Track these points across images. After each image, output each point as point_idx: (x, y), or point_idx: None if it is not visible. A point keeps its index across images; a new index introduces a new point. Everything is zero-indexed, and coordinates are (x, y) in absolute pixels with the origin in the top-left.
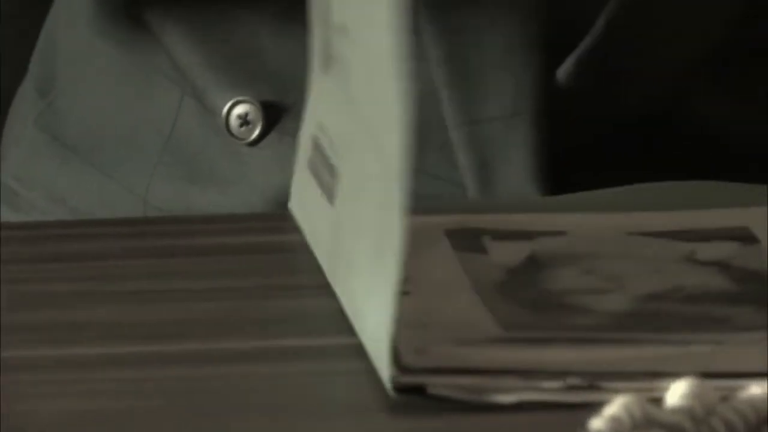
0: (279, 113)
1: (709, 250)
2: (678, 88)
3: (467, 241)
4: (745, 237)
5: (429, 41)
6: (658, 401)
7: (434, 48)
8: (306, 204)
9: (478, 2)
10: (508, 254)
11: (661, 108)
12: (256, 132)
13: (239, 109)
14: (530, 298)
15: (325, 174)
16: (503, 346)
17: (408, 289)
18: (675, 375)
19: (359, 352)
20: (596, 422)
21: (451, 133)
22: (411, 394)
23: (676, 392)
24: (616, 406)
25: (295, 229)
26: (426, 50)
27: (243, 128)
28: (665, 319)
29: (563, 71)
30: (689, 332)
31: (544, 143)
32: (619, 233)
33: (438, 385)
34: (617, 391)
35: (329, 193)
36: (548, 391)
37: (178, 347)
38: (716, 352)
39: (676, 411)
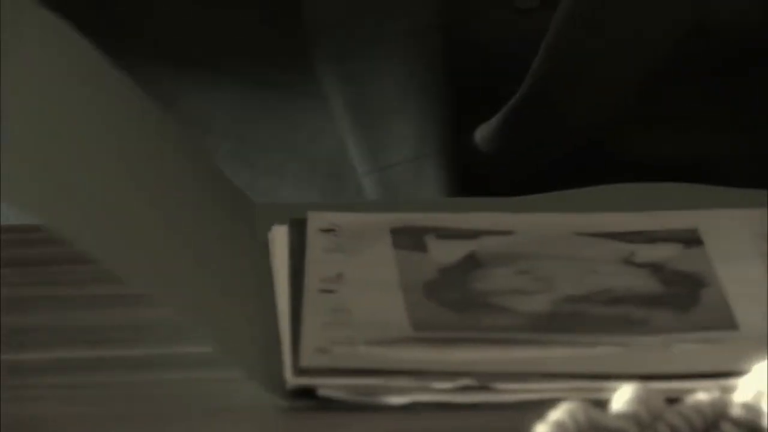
0: None
1: (648, 252)
2: (609, 125)
3: (410, 239)
4: (691, 239)
5: (330, 89)
6: (603, 406)
7: (335, 96)
8: None
9: (373, 50)
10: (447, 253)
11: (596, 140)
12: None
13: None
14: (453, 298)
15: None
16: (407, 346)
17: (333, 287)
18: (576, 376)
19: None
20: (541, 428)
21: (362, 180)
22: (307, 396)
23: (622, 397)
24: (560, 411)
25: None
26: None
27: None
28: (581, 321)
29: (489, 129)
30: (600, 334)
31: (455, 181)
32: (565, 233)
33: (328, 386)
34: (511, 392)
35: None
36: (439, 391)
37: (126, 352)
38: (620, 355)
39: (621, 416)
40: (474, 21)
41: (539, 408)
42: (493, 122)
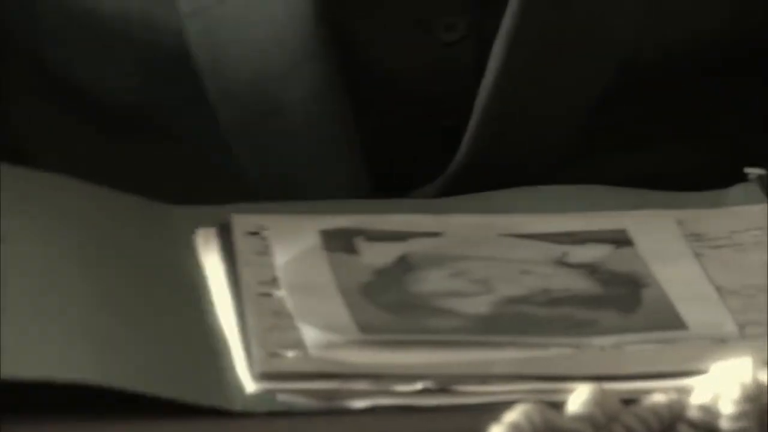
0: None
1: (580, 253)
2: (553, 161)
3: (340, 241)
4: (620, 240)
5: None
6: (559, 407)
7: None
8: None
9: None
10: (379, 255)
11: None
12: None
13: None
14: (392, 300)
15: None
16: (359, 349)
17: (270, 291)
18: (534, 378)
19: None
20: (496, 429)
21: None
22: (264, 399)
23: (578, 399)
24: (515, 412)
25: None
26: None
27: None
28: (527, 322)
29: (433, 189)
30: (550, 335)
31: None
32: (494, 235)
33: (288, 390)
34: (472, 395)
35: None
36: (400, 395)
37: None
38: (576, 356)
39: (576, 418)
40: (398, 56)
41: (500, 410)
42: (438, 183)
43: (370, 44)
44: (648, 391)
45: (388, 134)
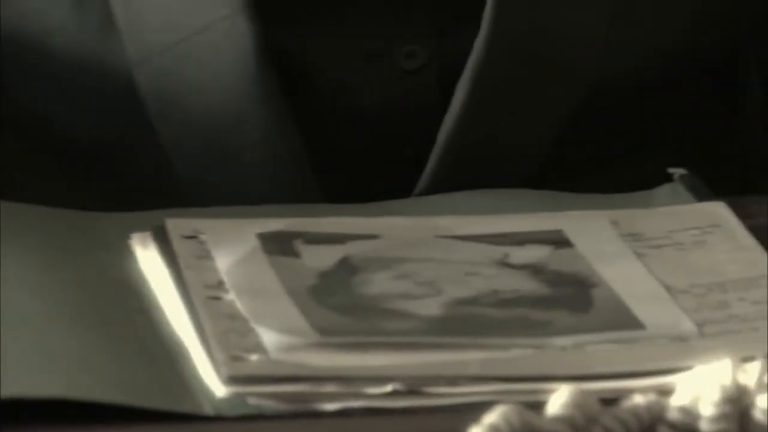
0: None
1: (521, 254)
2: (528, 174)
3: (279, 244)
4: (559, 240)
5: None
6: (538, 409)
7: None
8: None
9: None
10: (320, 258)
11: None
12: None
13: None
14: (343, 303)
15: None
16: (321, 351)
17: (219, 295)
18: (499, 379)
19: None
20: (475, 431)
21: None
22: (234, 403)
23: (557, 401)
24: (494, 414)
25: None
26: None
27: None
28: (482, 323)
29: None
30: (509, 336)
31: None
32: (430, 237)
33: (259, 394)
34: (442, 396)
35: None
36: (370, 397)
37: None
38: (539, 357)
39: (556, 419)
40: (358, 86)
41: (471, 411)
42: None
43: (328, 76)
44: (621, 392)
45: (349, 163)
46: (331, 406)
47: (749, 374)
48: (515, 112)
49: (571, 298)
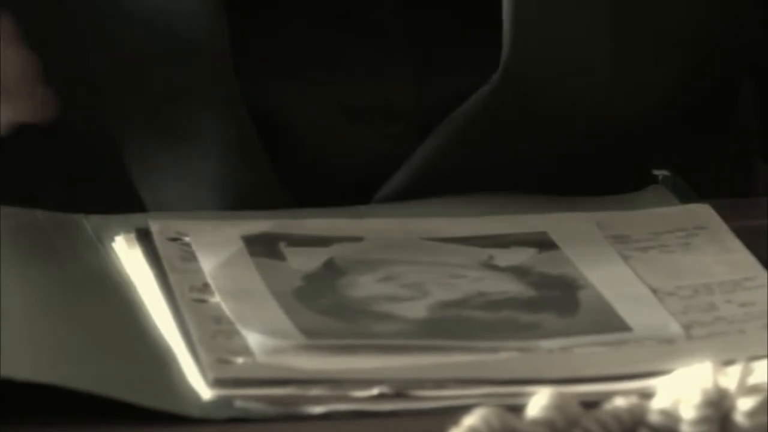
0: None
1: (507, 256)
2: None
3: (263, 247)
4: (544, 242)
5: None
6: (515, 411)
7: None
8: None
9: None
10: (305, 260)
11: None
12: None
13: None
14: (329, 305)
15: None
16: (307, 354)
17: (204, 297)
18: (486, 382)
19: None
20: None
21: None
22: (221, 406)
23: (537, 403)
24: (474, 416)
25: None
26: None
27: None
28: (469, 326)
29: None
30: (497, 339)
31: None
32: (415, 239)
33: (246, 397)
34: (429, 399)
35: None
36: (357, 400)
37: None
38: (527, 359)
39: (536, 422)
40: (343, 147)
41: (457, 414)
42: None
43: (308, 134)
44: (605, 394)
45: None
46: (317, 409)
47: (730, 377)
48: (503, 154)
49: (558, 300)
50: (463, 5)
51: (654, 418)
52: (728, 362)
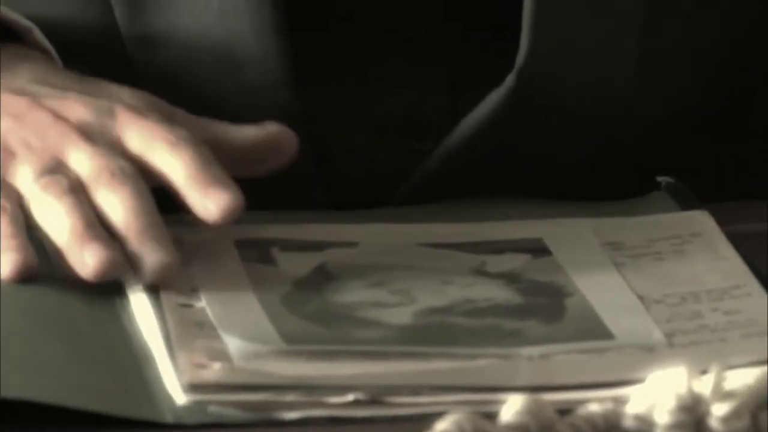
0: None
1: (499, 262)
2: None
3: (256, 251)
4: (538, 249)
5: None
6: (492, 418)
7: None
8: None
9: None
10: (296, 265)
11: None
12: None
13: None
14: (315, 311)
15: None
16: (285, 360)
17: (191, 302)
18: (463, 390)
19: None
20: None
21: None
22: (195, 411)
23: (511, 408)
24: (447, 422)
25: None
26: None
27: None
28: (453, 333)
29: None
30: (477, 346)
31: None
32: (409, 244)
33: (220, 402)
34: (404, 406)
35: None
36: (332, 406)
37: None
38: (505, 367)
39: (509, 427)
40: (372, 161)
41: (432, 421)
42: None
43: (338, 146)
44: (582, 401)
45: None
46: (291, 415)
47: (705, 383)
48: (515, 163)
49: (544, 307)
50: (499, 21)
51: (628, 423)
52: (705, 371)
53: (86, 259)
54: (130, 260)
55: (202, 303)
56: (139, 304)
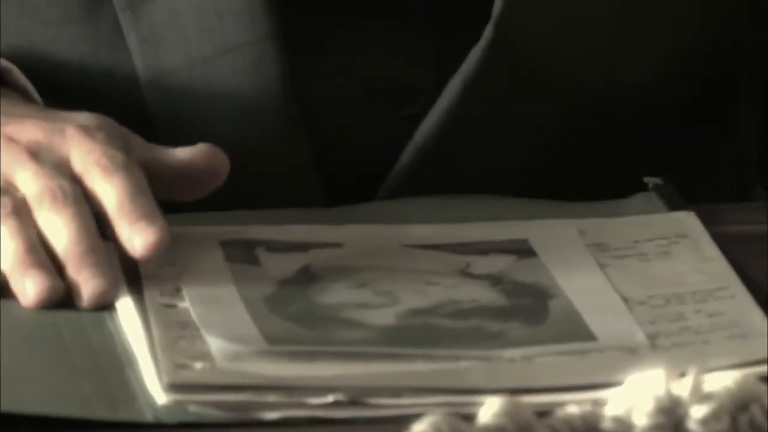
0: None
1: (484, 264)
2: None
3: (241, 252)
4: (523, 250)
5: None
6: (470, 419)
7: None
8: None
9: None
10: (281, 266)
11: None
12: None
13: None
14: (298, 312)
15: None
16: (267, 360)
17: (174, 302)
18: (444, 391)
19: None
20: None
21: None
22: (176, 411)
23: (489, 410)
24: (424, 423)
25: None
26: None
27: None
28: (435, 334)
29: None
30: (459, 348)
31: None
32: (395, 245)
33: (200, 402)
34: (384, 407)
35: None
36: (312, 407)
37: None
38: (486, 369)
39: (487, 429)
40: (360, 130)
41: (412, 422)
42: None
43: (326, 116)
44: (561, 404)
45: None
46: (271, 415)
47: (684, 385)
48: (503, 126)
49: (528, 309)
50: None
51: (607, 425)
52: (686, 373)
53: (27, 288)
54: (69, 286)
55: (186, 303)
56: (124, 306)
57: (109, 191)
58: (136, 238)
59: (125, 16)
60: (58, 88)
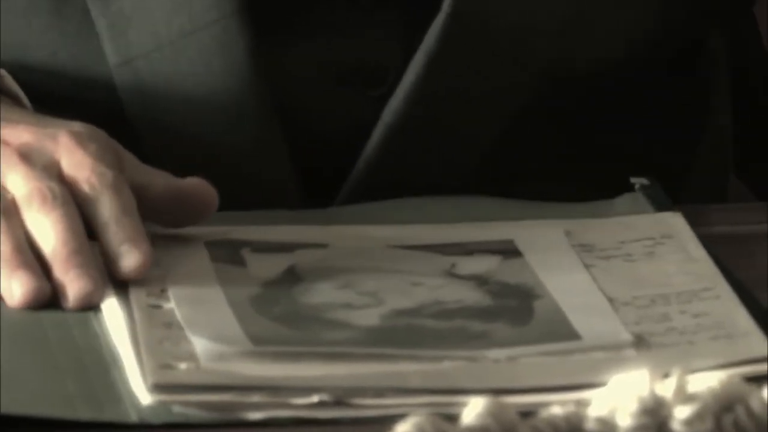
0: None
1: (469, 264)
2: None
3: (227, 252)
4: (509, 250)
5: None
6: (453, 420)
7: None
8: None
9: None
10: (266, 267)
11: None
12: None
13: None
14: (283, 312)
15: None
16: (252, 360)
17: (160, 303)
18: (428, 392)
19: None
20: None
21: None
22: (160, 411)
23: (472, 411)
24: (408, 424)
25: None
26: None
27: None
28: (420, 335)
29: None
30: (443, 348)
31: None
32: (380, 246)
33: (184, 402)
34: (369, 408)
35: None
36: (296, 407)
37: None
38: (471, 369)
39: (470, 429)
40: (330, 112)
41: (396, 423)
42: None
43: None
44: (545, 404)
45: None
46: (256, 416)
47: (668, 386)
48: (464, 102)
49: (513, 309)
50: None
51: (590, 426)
52: (670, 374)
53: (14, 289)
54: (55, 287)
55: (171, 304)
56: (109, 306)
57: (95, 211)
58: (121, 260)
59: (93, 2)
60: (26, 84)
